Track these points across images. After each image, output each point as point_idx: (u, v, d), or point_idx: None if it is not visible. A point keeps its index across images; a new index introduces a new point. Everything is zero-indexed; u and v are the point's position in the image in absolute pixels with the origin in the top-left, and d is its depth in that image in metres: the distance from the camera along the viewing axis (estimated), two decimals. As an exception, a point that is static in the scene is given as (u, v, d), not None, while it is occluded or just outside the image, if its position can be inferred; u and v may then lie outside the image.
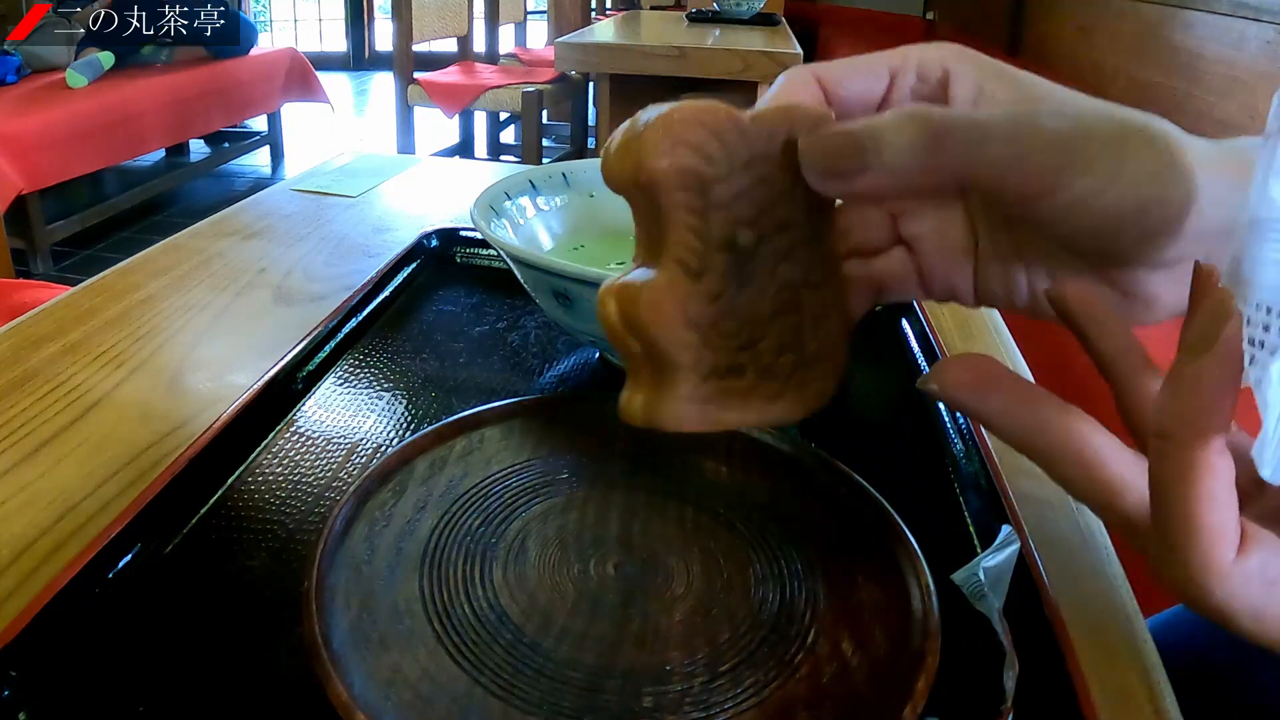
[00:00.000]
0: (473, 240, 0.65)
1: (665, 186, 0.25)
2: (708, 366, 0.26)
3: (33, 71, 2.86)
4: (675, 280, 0.25)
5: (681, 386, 0.26)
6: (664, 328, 0.25)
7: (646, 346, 0.25)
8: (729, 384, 0.26)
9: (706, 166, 0.25)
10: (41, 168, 2.39)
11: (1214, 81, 2.05)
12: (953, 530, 0.38)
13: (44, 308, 0.57)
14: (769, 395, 0.27)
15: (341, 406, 0.46)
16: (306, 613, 0.28)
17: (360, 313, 0.54)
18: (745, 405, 0.27)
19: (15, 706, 0.27)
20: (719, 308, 0.26)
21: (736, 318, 0.26)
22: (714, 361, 0.26)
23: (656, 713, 0.27)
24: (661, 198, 0.25)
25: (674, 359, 0.25)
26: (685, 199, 0.25)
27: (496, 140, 3.48)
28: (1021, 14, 3.54)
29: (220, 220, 0.75)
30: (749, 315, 0.26)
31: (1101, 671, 0.32)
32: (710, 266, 0.26)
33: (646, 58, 1.83)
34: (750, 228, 0.26)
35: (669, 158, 0.24)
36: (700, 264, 0.25)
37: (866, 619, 0.30)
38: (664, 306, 0.25)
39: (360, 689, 0.26)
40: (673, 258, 0.25)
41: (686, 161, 0.25)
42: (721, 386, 0.26)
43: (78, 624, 0.30)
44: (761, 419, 0.27)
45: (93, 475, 0.40)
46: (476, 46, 3.30)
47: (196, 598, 0.33)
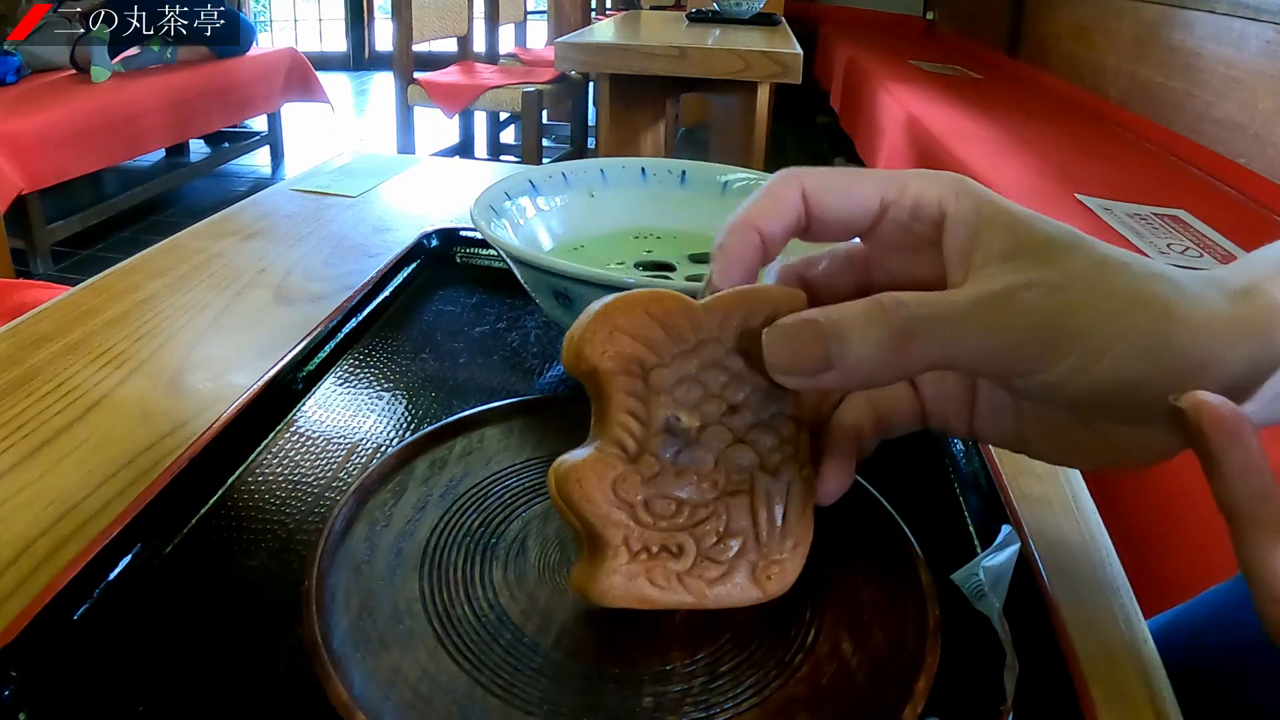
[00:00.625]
0: (473, 240, 0.65)
1: (605, 372, 0.26)
2: (639, 544, 0.27)
3: (33, 71, 2.86)
4: (605, 460, 0.27)
5: (610, 562, 0.27)
6: (589, 504, 0.27)
7: (579, 522, 0.27)
8: (664, 563, 0.27)
9: (648, 354, 0.27)
10: (41, 168, 2.39)
11: (1213, 81, 2.05)
12: (953, 530, 0.38)
13: (44, 308, 0.57)
14: (711, 578, 0.28)
15: (341, 406, 0.46)
16: (306, 613, 0.28)
17: (360, 313, 0.54)
18: (683, 585, 0.28)
19: (15, 706, 0.27)
20: (655, 488, 0.27)
21: (675, 499, 0.27)
22: (647, 540, 0.27)
23: (656, 713, 0.27)
24: (602, 383, 0.27)
25: (601, 535, 0.27)
26: (626, 384, 0.27)
27: (496, 140, 3.48)
28: (1021, 14, 3.54)
29: (220, 220, 0.75)
30: (691, 497, 0.28)
31: (1101, 671, 0.32)
32: (649, 449, 0.27)
33: (646, 58, 1.83)
34: (694, 412, 0.27)
35: (609, 345, 0.26)
36: (638, 446, 0.27)
37: (866, 619, 0.30)
38: (589, 485, 0.26)
39: (360, 689, 0.26)
40: (611, 439, 0.27)
41: (627, 349, 0.26)
42: (655, 565, 0.27)
43: (78, 624, 0.30)
44: (699, 601, 0.28)
45: (93, 475, 0.40)
46: (476, 46, 3.30)
47: (196, 598, 0.33)
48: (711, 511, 0.28)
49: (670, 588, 0.27)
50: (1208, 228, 1.51)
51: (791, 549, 0.29)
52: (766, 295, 0.27)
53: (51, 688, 0.28)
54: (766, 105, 1.89)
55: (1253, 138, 1.87)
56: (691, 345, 0.27)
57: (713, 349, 0.27)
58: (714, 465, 0.28)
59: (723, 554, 0.28)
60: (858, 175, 0.28)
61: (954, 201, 0.26)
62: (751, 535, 0.28)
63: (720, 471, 0.28)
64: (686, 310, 0.27)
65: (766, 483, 0.28)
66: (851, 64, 3.55)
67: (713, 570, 0.28)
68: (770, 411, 0.28)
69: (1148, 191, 1.74)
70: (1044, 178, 1.83)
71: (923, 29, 4.62)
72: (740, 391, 0.28)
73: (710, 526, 0.28)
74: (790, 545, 0.29)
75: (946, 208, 0.27)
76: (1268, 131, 1.82)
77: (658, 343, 0.27)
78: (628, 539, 0.27)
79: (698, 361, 0.27)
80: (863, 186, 0.28)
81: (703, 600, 0.28)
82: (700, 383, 0.27)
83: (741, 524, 0.28)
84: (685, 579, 0.28)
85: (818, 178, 0.28)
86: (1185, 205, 1.64)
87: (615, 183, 0.57)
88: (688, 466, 0.27)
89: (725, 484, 0.28)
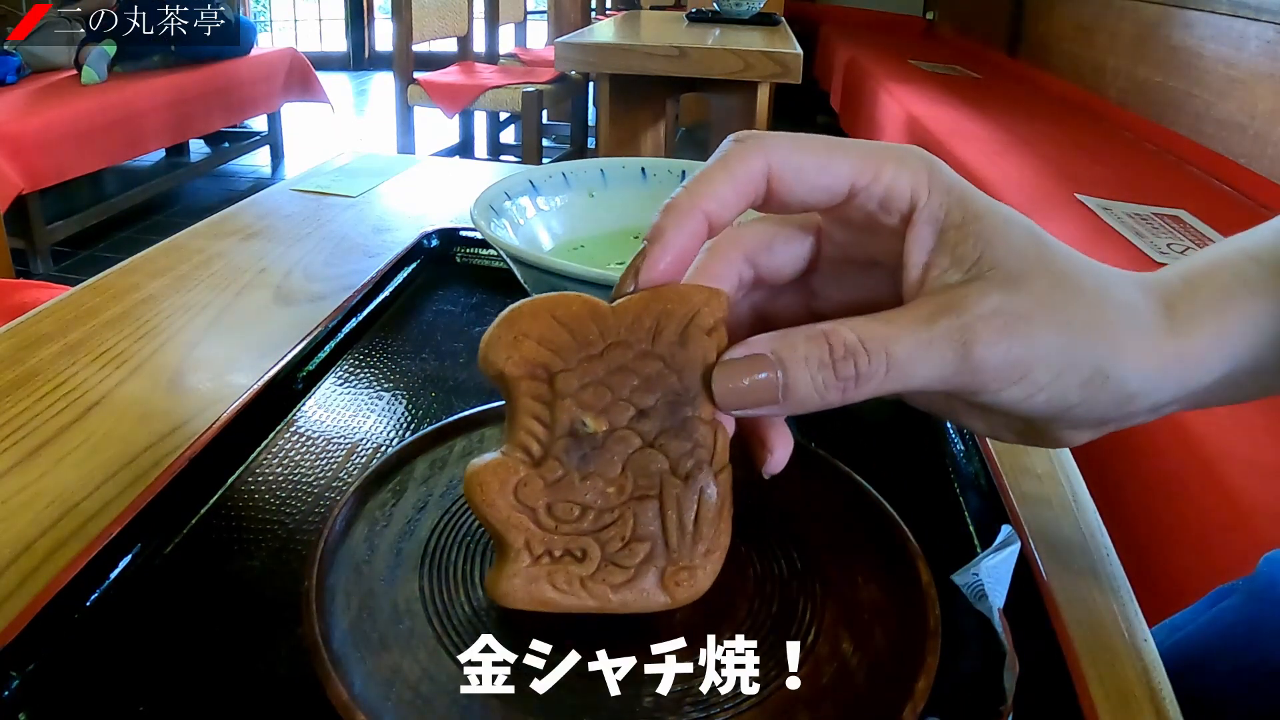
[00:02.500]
0: (473, 240, 0.65)
1: (511, 377, 0.27)
2: (542, 548, 0.27)
3: (33, 71, 2.86)
4: (508, 465, 0.27)
5: (512, 565, 0.27)
6: (490, 509, 0.27)
7: (484, 524, 0.27)
8: (566, 567, 0.27)
9: (553, 358, 0.27)
10: (41, 168, 2.39)
11: (1214, 81, 2.05)
12: (953, 530, 0.38)
13: (44, 308, 0.57)
14: (616, 583, 0.28)
15: (341, 406, 0.46)
16: (306, 613, 0.28)
17: (360, 313, 0.54)
18: (585, 590, 0.28)
19: (15, 707, 0.27)
20: (558, 493, 0.27)
21: (579, 504, 0.27)
22: (550, 544, 0.27)
23: (656, 713, 0.27)
24: (509, 388, 0.27)
25: (504, 538, 0.27)
26: (531, 388, 0.27)
27: (496, 140, 3.48)
28: (1021, 14, 3.54)
29: (220, 220, 0.75)
30: (596, 502, 0.27)
31: (1101, 671, 0.32)
32: (553, 453, 0.27)
33: (646, 58, 1.83)
34: (600, 417, 0.27)
35: (513, 351, 0.27)
36: (543, 450, 0.27)
37: (866, 619, 0.30)
38: (490, 490, 0.27)
39: (360, 689, 0.26)
40: (516, 443, 0.27)
41: (531, 354, 0.27)
42: (557, 569, 0.27)
43: (78, 624, 0.30)
44: (603, 606, 0.28)
45: (93, 475, 0.40)
46: (476, 46, 3.30)
47: (196, 598, 0.33)
48: (618, 517, 0.28)
49: (572, 591, 0.27)
50: (1208, 228, 1.51)
51: (704, 555, 0.28)
52: (682, 296, 0.27)
53: (51, 688, 0.28)
54: (766, 105, 1.89)
55: (1253, 138, 1.87)
56: (599, 350, 0.27)
57: (621, 352, 0.27)
58: (621, 470, 0.28)
59: (628, 559, 0.28)
60: (829, 152, 0.26)
61: (925, 195, 0.26)
62: (660, 541, 0.28)
63: (627, 476, 0.28)
64: (595, 313, 0.27)
65: (677, 488, 0.28)
66: (851, 64, 3.55)
67: (618, 575, 0.28)
68: (682, 416, 0.27)
69: (1148, 191, 1.73)
70: (1044, 178, 1.82)
71: (923, 29, 4.62)
72: (651, 396, 0.27)
73: (615, 531, 0.28)
74: (703, 551, 0.28)
75: (918, 200, 0.26)
76: (1268, 131, 1.82)
77: (564, 347, 0.27)
78: (529, 542, 0.27)
79: (605, 366, 0.27)
80: (834, 167, 0.26)
81: (606, 605, 0.28)
82: (608, 387, 0.27)
83: (650, 529, 0.28)
84: (588, 583, 0.27)
85: (788, 155, 0.26)
86: (1185, 205, 1.64)
87: (615, 182, 0.57)
88: (593, 471, 0.27)
89: (633, 489, 0.28)
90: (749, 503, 0.36)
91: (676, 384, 0.27)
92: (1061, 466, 0.44)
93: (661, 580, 0.28)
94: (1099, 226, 1.48)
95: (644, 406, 0.27)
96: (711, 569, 0.29)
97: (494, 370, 0.27)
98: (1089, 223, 1.49)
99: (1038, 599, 0.32)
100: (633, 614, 0.29)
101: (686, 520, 0.28)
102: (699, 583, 0.28)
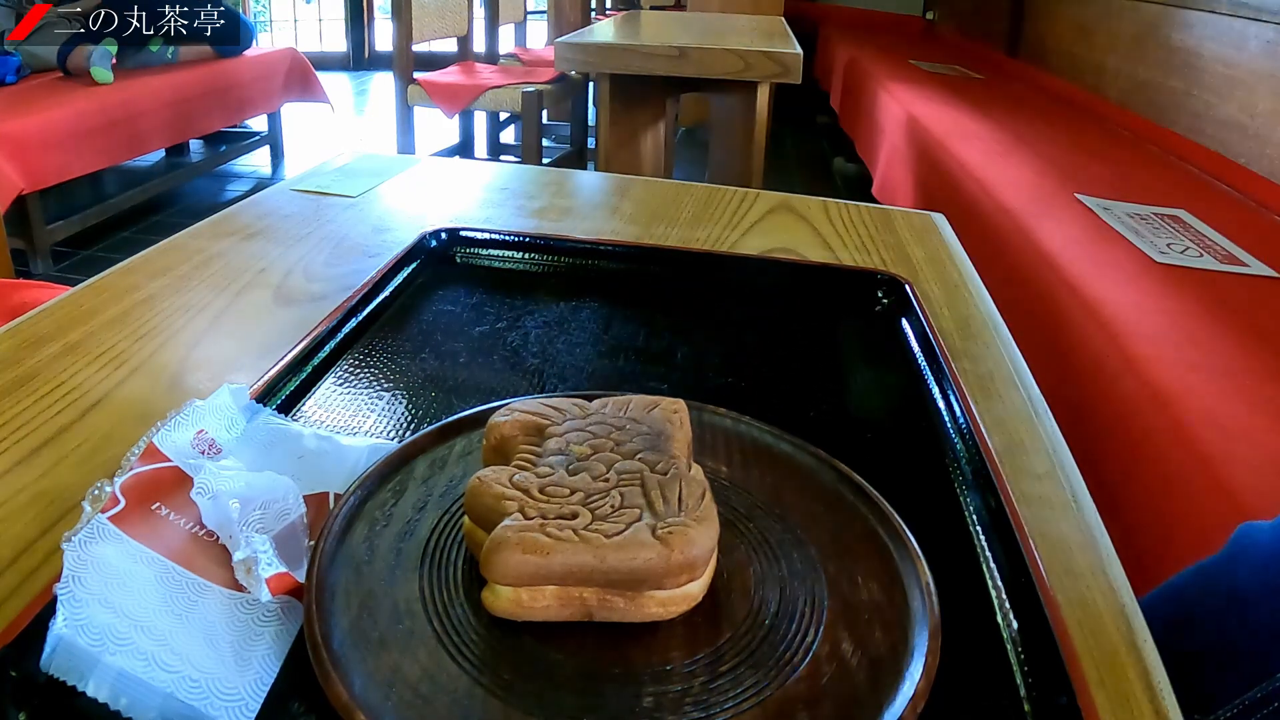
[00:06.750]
0: (473, 240, 0.65)
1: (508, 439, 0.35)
2: (535, 513, 0.30)
3: (33, 71, 2.86)
4: (505, 468, 0.32)
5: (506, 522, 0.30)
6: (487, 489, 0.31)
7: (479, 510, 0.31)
8: (562, 523, 0.30)
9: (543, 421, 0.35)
10: (41, 168, 2.38)
11: (1213, 81, 2.05)
12: (953, 530, 0.38)
13: (44, 308, 0.57)
14: (606, 532, 0.30)
15: (341, 406, 0.46)
16: (306, 613, 0.28)
17: (360, 313, 0.54)
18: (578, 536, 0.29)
19: (15, 706, 0.27)
20: (549, 480, 0.32)
21: (569, 486, 0.31)
22: (544, 510, 0.30)
23: (656, 713, 0.27)
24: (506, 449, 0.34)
25: (498, 510, 0.30)
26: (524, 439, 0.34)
27: (496, 140, 3.48)
28: (1021, 14, 3.54)
29: (220, 220, 0.75)
30: (584, 485, 0.32)
31: (1101, 671, 0.32)
32: (544, 462, 0.33)
33: (646, 58, 1.83)
34: (584, 446, 0.33)
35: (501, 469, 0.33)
36: (536, 461, 0.33)
37: (866, 619, 0.30)
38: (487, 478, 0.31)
39: (360, 689, 0.26)
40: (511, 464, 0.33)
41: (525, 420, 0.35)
42: (550, 522, 0.30)
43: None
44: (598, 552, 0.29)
45: (93, 475, 0.40)
46: (476, 46, 3.30)
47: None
48: (605, 495, 0.31)
49: (564, 536, 0.29)
50: (1208, 228, 1.51)
51: (695, 520, 0.30)
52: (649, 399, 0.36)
53: (50, 688, 0.28)
54: (766, 105, 1.89)
55: (1253, 138, 1.87)
56: (582, 416, 0.35)
57: (602, 418, 0.35)
58: (605, 470, 0.32)
59: (619, 519, 0.30)
60: None
61: None
62: (648, 510, 0.31)
63: (612, 473, 0.32)
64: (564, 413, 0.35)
65: (657, 479, 0.32)
66: (851, 64, 3.55)
67: (610, 528, 0.30)
68: (658, 446, 0.33)
69: (1148, 191, 1.73)
70: (1044, 178, 1.82)
71: (923, 29, 4.62)
72: (627, 440, 0.34)
73: (605, 502, 0.31)
74: (693, 519, 0.30)
75: None
76: (1268, 131, 1.82)
77: (550, 417, 0.35)
78: (523, 508, 0.30)
79: (588, 423, 0.35)
80: None
81: (600, 548, 0.29)
82: (591, 433, 0.34)
83: (637, 502, 0.31)
84: (581, 532, 0.29)
85: None
86: (1185, 205, 1.64)
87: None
88: (581, 470, 0.32)
89: (617, 480, 0.32)
90: (748, 503, 0.36)
91: (649, 431, 0.34)
92: (1061, 466, 0.44)
93: (654, 533, 0.29)
94: (1099, 226, 1.48)
95: (623, 440, 0.34)
96: (707, 531, 0.30)
97: None
98: (1089, 222, 1.49)
99: (1038, 599, 0.32)
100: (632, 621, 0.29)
101: (671, 497, 0.31)
102: (692, 535, 0.29)
